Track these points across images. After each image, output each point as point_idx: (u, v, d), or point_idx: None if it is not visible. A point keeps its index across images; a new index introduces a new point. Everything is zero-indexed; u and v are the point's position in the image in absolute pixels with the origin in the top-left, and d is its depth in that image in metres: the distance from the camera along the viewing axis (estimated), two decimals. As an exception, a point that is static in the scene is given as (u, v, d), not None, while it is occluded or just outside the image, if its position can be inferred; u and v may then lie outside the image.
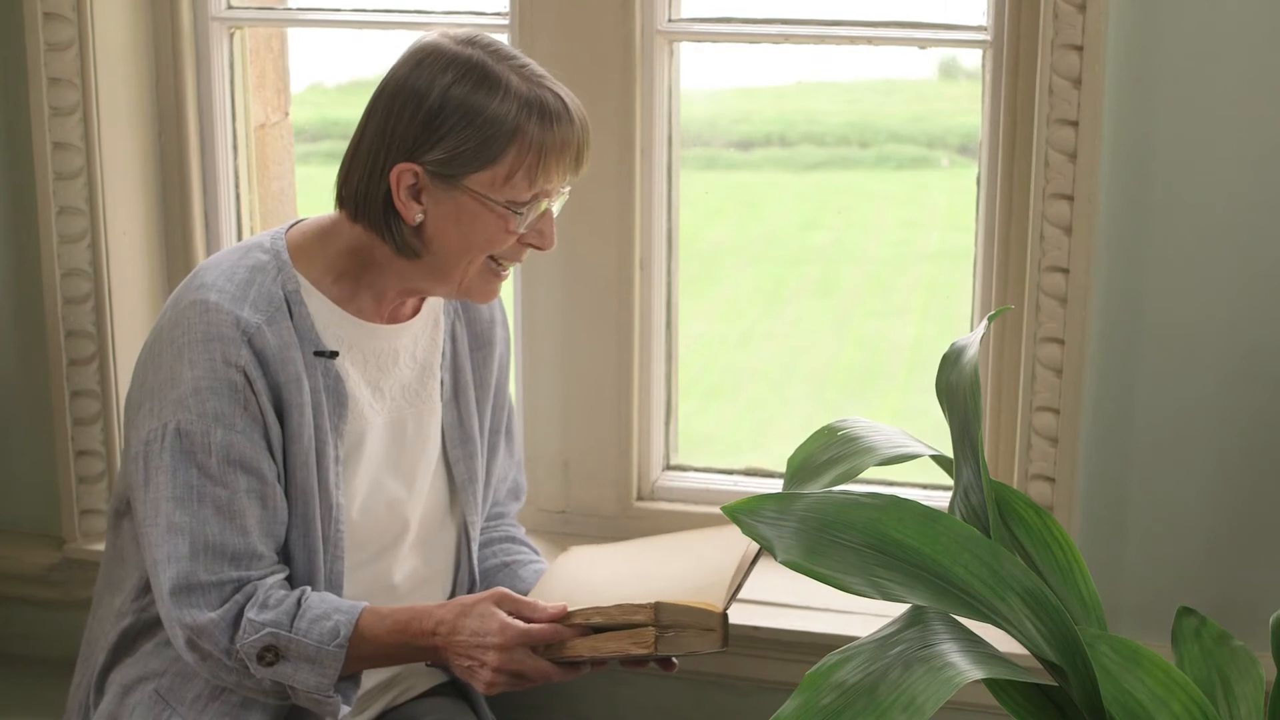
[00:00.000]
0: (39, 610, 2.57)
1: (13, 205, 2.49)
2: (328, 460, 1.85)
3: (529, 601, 1.81)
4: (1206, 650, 1.71)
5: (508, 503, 2.20)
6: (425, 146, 1.80)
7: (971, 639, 1.44)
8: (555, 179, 1.84)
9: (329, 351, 1.86)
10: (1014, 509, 1.68)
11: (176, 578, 1.78)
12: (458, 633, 1.79)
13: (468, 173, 1.80)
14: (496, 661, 1.78)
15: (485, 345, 2.06)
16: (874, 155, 3.74)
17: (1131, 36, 2.05)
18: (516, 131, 1.79)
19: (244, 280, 1.83)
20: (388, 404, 1.93)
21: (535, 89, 1.82)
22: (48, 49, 2.38)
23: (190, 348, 1.80)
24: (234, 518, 1.79)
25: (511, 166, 1.80)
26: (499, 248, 1.85)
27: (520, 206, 1.82)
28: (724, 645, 1.79)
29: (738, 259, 4.00)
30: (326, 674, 1.78)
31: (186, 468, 1.79)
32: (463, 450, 2.02)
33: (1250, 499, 2.14)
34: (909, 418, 3.47)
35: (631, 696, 2.36)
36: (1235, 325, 2.10)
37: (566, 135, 1.83)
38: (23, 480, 2.58)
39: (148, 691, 1.89)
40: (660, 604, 1.76)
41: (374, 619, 1.81)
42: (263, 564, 1.81)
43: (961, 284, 2.35)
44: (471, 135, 1.79)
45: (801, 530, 1.41)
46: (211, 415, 1.78)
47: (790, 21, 2.29)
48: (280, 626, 1.77)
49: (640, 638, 1.77)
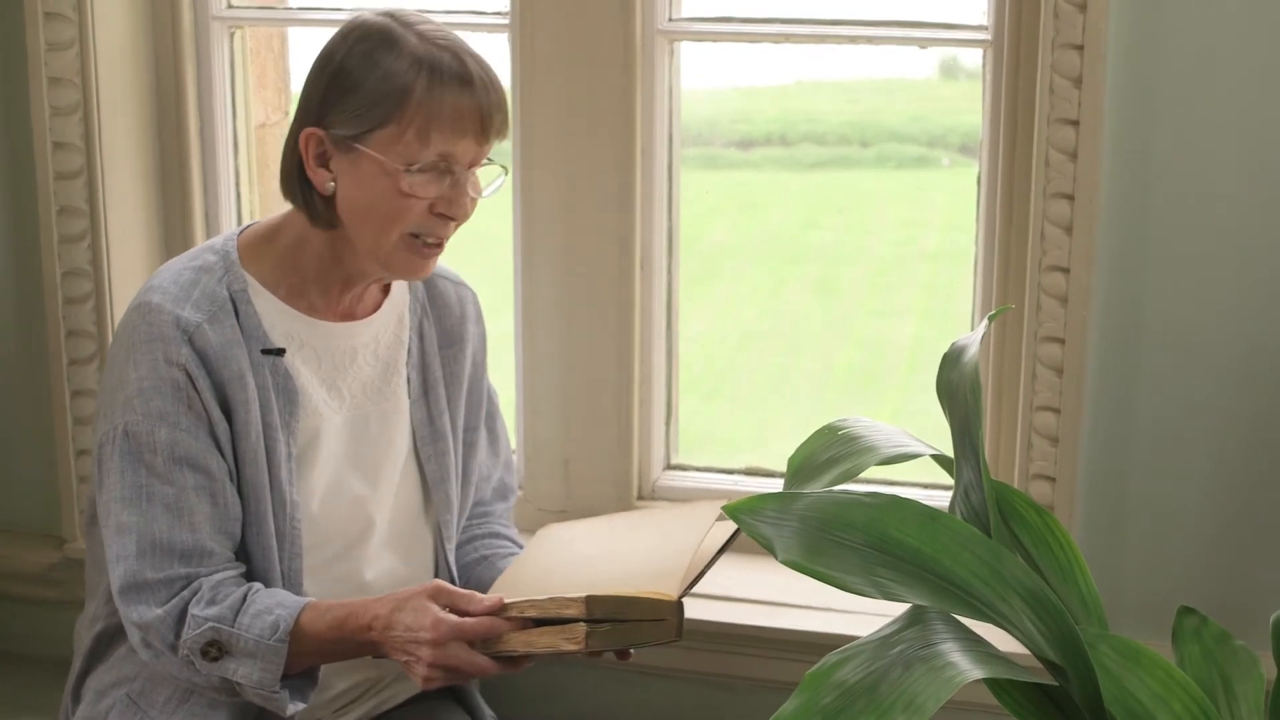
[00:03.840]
0: (39, 609, 2.57)
1: (13, 204, 2.49)
2: (279, 457, 1.85)
3: (464, 594, 1.78)
4: (1207, 650, 1.71)
5: (494, 502, 2.18)
6: (328, 110, 1.82)
7: (972, 639, 1.44)
8: (456, 144, 1.81)
9: (276, 349, 1.87)
10: (1014, 508, 1.68)
11: (124, 576, 1.80)
12: (393, 628, 1.77)
13: (364, 133, 1.80)
14: (430, 657, 1.75)
15: (456, 342, 2.04)
16: (874, 155, 3.74)
17: (1132, 36, 2.05)
18: (406, 90, 1.78)
19: (188, 281, 1.85)
20: (347, 401, 1.93)
21: (431, 49, 1.80)
22: (48, 48, 2.38)
23: (134, 349, 1.82)
24: (182, 515, 1.80)
25: (403, 126, 1.79)
26: (408, 216, 1.83)
27: (413, 166, 1.80)
28: (678, 636, 1.75)
29: (738, 259, 4.00)
30: (269, 669, 1.77)
31: (135, 468, 1.81)
32: (433, 448, 2.01)
33: (1250, 498, 2.14)
34: (909, 417, 3.47)
35: (631, 696, 2.36)
36: (1236, 325, 2.10)
37: (461, 97, 1.80)
38: (23, 479, 2.58)
39: (120, 696, 1.90)
40: (592, 597, 1.70)
41: (314, 615, 1.79)
42: (213, 561, 1.82)
43: (962, 284, 2.35)
44: (365, 95, 1.79)
45: (802, 530, 1.41)
46: (156, 414, 1.80)
47: (790, 21, 2.29)
48: (223, 621, 1.77)
49: (572, 633, 1.70)
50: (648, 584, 1.77)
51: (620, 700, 2.37)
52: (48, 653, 2.53)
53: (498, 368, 2.22)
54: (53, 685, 2.02)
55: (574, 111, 2.32)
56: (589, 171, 2.34)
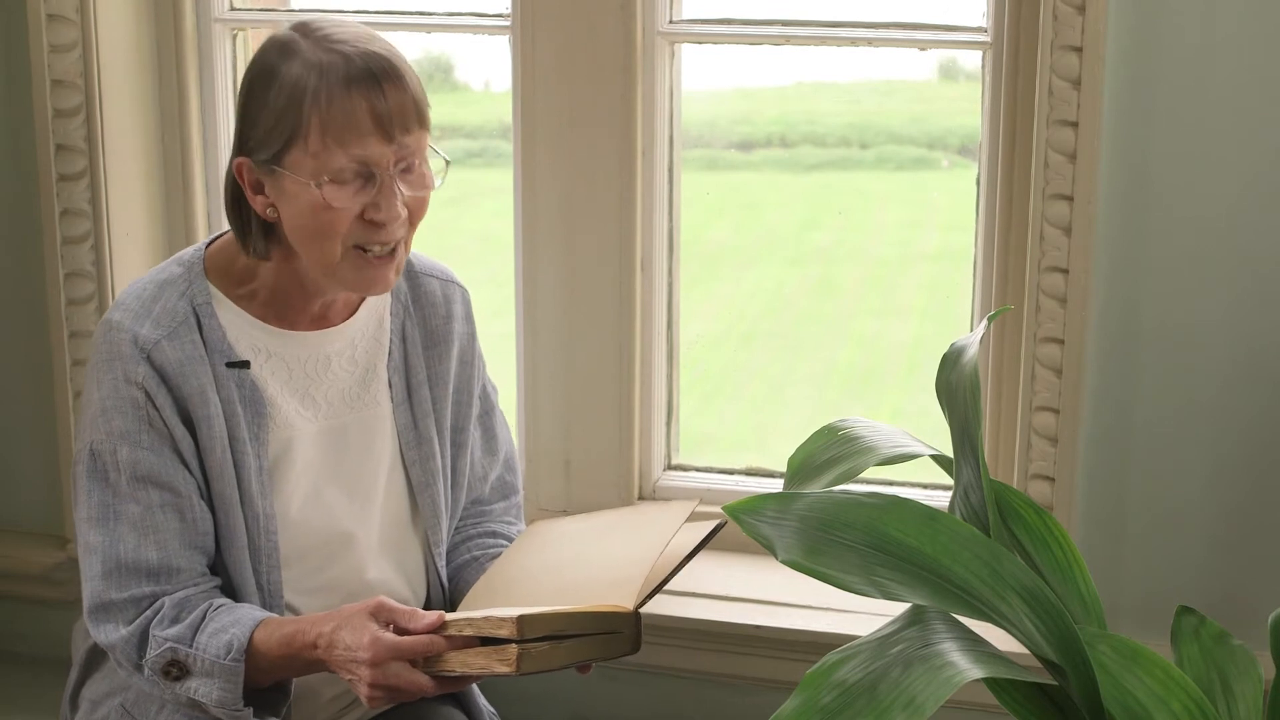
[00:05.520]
0: (42, 610, 2.58)
1: (16, 207, 2.50)
2: (248, 470, 1.83)
3: (405, 611, 1.74)
4: (1206, 649, 1.71)
5: (493, 501, 2.14)
6: (247, 136, 1.78)
7: (971, 638, 1.45)
8: (363, 147, 1.73)
9: (240, 361, 1.84)
10: (1014, 508, 1.69)
11: (91, 597, 1.80)
12: (335, 646, 1.73)
13: (277, 153, 1.75)
14: (370, 677, 1.70)
15: (440, 342, 2.00)
16: (874, 156, 3.74)
17: (1131, 38, 2.05)
18: (297, 103, 1.72)
19: (150, 297, 1.83)
20: (323, 410, 1.90)
21: (322, 54, 1.73)
22: (51, 51, 2.38)
23: (98, 369, 1.82)
24: (148, 533, 1.79)
25: (305, 138, 1.72)
26: (338, 229, 1.76)
27: (323, 179, 1.73)
28: (633, 648, 1.73)
29: (738, 259, 4.00)
30: (228, 689, 1.75)
31: (101, 488, 1.81)
32: (418, 452, 1.97)
33: (1249, 498, 2.14)
34: (909, 418, 3.47)
35: (631, 696, 2.37)
36: (1234, 325, 2.10)
37: (348, 99, 1.72)
38: (26, 480, 2.59)
39: (114, 706, 1.90)
40: (524, 617, 1.64)
41: (266, 633, 1.76)
42: (181, 577, 1.81)
43: (961, 284, 2.35)
44: (267, 117, 1.75)
45: (802, 530, 1.41)
46: (118, 434, 1.79)
47: (790, 23, 2.30)
48: (182, 641, 1.76)
49: (504, 655, 1.65)
50: (604, 594, 1.74)
51: (620, 700, 2.38)
52: (50, 653, 2.53)
53: (499, 368, 2.21)
54: (55, 685, 2.02)
55: (575, 113, 2.33)
56: (590, 173, 2.34)
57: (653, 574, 1.79)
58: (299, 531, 1.88)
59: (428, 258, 2.04)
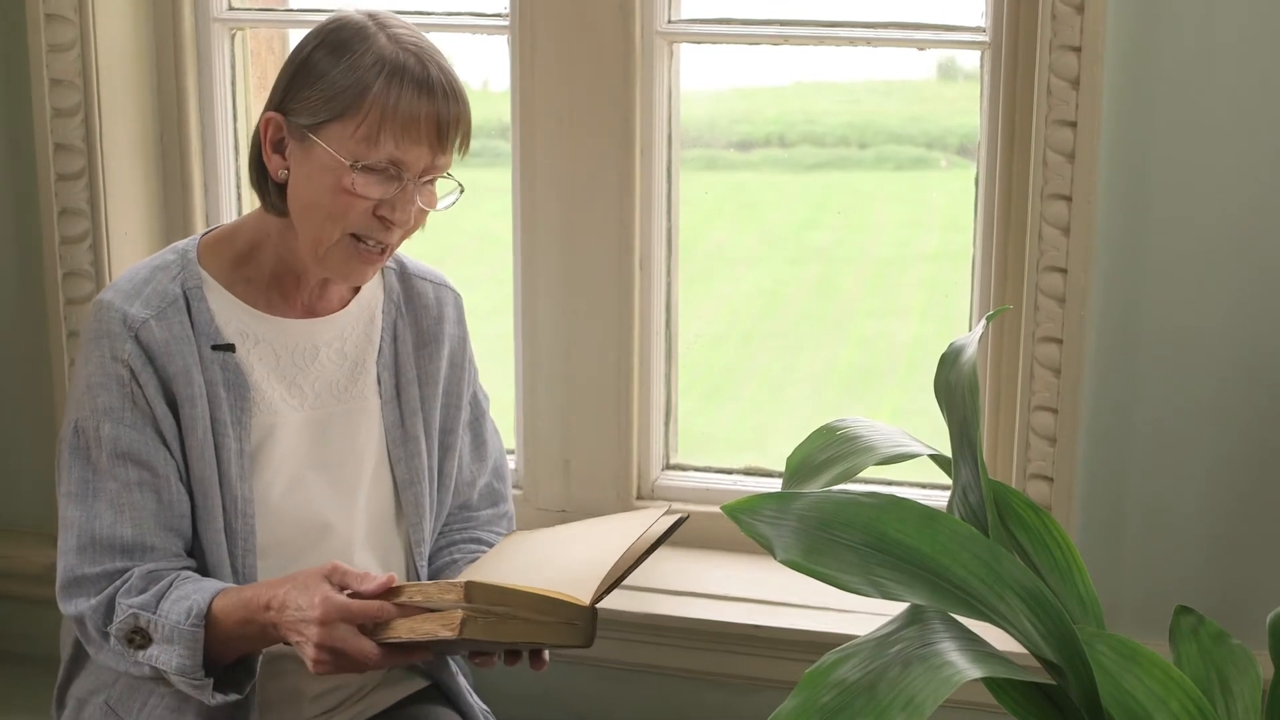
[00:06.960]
0: (40, 609, 2.57)
1: (15, 206, 2.50)
2: (228, 453, 1.86)
3: (357, 574, 1.74)
4: (1204, 649, 1.71)
5: (480, 507, 2.14)
6: (291, 97, 1.83)
7: (970, 638, 1.45)
8: (408, 149, 1.79)
9: (225, 344, 1.87)
10: (1012, 508, 1.69)
11: (64, 572, 1.82)
12: (286, 607, 1.73)
13: (319, 124, 1.80)
14: (317, 637, 1.69)
15: (431, 343, 2.02)
16: (873, 156, 3.74)
17: (1130, 38, 2.05)
18: (365, 87, 1.78)
19: (143, 279, 1.87)
20: (309, 400, 1.92)
21: (398, 51, 1.80)
22: (50, 50, 2.38)
23: (86, 346, 1.85)
24: (124, 510, 1.82)
25: (356, 121, 1.78)
26: (349, 214, 1.81)
27: (359, 163, 1.78)
28: (587, 642, 1.73)
29: (738, 259, 4.00)
30: (188, 655, 1.75)
31: (83, 465, 1.83)
32: (404, 450, 1.99)
33: (1248, 498, 2.14)
34: (909, 418, 3.47)
35: (631, 695, 2.37)
36: (1233, 325, 2.10)
37: (418, 102, 1.78)
38: (24, 479, 2.59)
39: (99, 703, 1.91)
40: (471, 583, 1.66)
41: (225, 599, 1.77)
42: (154, 555, 1.82)
43: (960, 284, 2.35)
44: (326, 87, 1.79)
45: (801, 529, 1.41)
46: (102, 410, 1.82)
47: (789, 23, 2.30)
48: (146, 608, 1.77)
49: (448, 619, 1.65)
50: (564, 587, 1.74)
51: (620, 700, 2.38)
52: (48, 652, 2.52)
53: (498, 368, 2.21)
54: (52, 685, 2.03)
55: (574, 113, 2.33)
56: (589, 173, 2.34)
57: (612, 571, 1.80)
58: (278, 519, 1.90)
59: (421, 262, 2.07)
